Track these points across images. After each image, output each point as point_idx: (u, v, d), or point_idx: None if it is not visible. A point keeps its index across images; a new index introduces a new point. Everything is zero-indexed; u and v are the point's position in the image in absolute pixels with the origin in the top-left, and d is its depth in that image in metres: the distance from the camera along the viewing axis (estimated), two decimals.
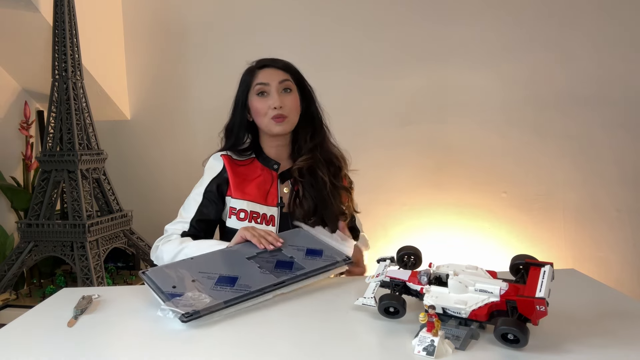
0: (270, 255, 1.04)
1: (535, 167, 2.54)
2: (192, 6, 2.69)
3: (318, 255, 1.06)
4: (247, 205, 1.23)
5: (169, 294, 0.89)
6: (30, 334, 0.85)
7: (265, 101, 1.24)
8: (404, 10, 2.54)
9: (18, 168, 2.66)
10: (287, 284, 0.95)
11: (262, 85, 1.24)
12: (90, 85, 2.47)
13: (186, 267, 0.99)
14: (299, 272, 0.98)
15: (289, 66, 1.30)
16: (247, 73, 1.29)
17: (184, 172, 2.81)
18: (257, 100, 1.25)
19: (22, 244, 2.29)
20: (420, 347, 0.70)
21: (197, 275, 0.95)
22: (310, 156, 1.28)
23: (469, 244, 2.58)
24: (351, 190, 1.34)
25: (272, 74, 1.25)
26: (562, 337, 0.75)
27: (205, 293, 0.88)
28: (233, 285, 0.92)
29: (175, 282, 0.93)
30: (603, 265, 2.53)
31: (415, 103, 2.59)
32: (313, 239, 1.13)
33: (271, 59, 1.29)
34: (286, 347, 0.76)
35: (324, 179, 1.26)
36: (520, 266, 0.81)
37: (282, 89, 1.25)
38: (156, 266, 1.04)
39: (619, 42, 2.42)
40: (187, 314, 0.82)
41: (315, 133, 1.32)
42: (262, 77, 1.25)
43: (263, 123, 1.26)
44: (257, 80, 1.25)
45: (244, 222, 1.22)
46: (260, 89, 1.24)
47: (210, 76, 2.72)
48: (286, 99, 1.25)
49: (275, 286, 0.94)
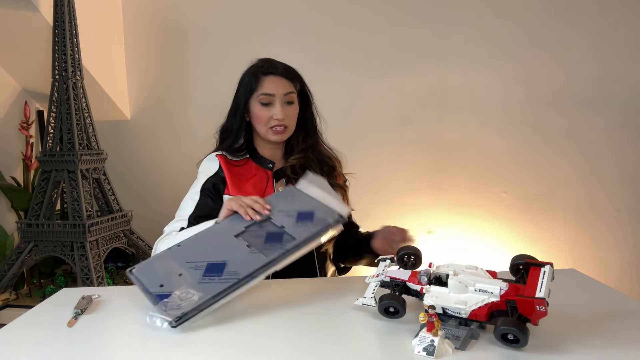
0: (259, 227, 1.00)
1: (535, 167, 2.54)
2: (192, 6, 2.69)
3: (309, 219, 0.99)
4: None
5: (157, 295, 0.86)
6: (30, 334, 0.85)
7: (268, 110, 1.25)
8: (405, 10, 2.54)
9: (18, 168, 2.66)
10: (278, 261, 0.91)
11: (266, 96, 1.25)
12: (90, 85, 2.47)
13: (173, 258, 0.95)
14: (289, 244, 0.93)
15: (294, 74, 1.30)
16: (251, 75, 1.28)
17: (184, 172, 2.81)
18: (259, 107, 1.26)
19: (22, 244, 2.29)
20: (420, 347, 0.70)
21: (185, 266, 0.92)
22: (303, 155, 1.30)
23: (469, 244, 2.58)
24: (346, 188, 1.35)
25: (277, 85, 1.25)
26: (562, 337, 0.75)
27: (193, 289, 0.85)
28: (221, 274, 0.89)
29: (162, 279, 0.90)
30: (603, 265, 2.53)
31: (416, 103, 2.59)
32: (305, 199, 1.06)
33: (277, 66, 1.28)
34: (286, 347, 0.76)
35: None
36: (520, 266, 0.81)
37: (285, 101, 1.26)
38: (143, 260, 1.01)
39: (619, 42, 2.42)
40: (176, 318, 0.80)
41: (307, 135, 1.34)
42: (267, 86, 1.25)
43: (262, 130, 1.27)
44: (262, 89, 1.25)
45: None
46: (265, 100, 1.25)
47: (210, 76, 2.72)
48: (288, 110, 1.26)
49: (265, 266, 0.90)
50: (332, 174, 1.32)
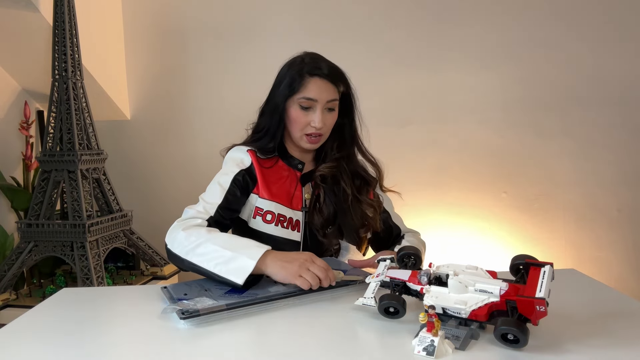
0: None
1: (535, 167, 2.54)
2: (192, 6, 2.69)
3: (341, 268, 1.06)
4: (274, 207, 1.18)
5: (178, 298, 0.92)
6: (30, 334, 0.85)
7: (307, 116, 1.16)
8: (405, 11, 2.54)
9: (18, 168, 2.66)
10: (297, 294, 0.94)
11: (309, 100, 1.15)
12: (90, 85, 2.47)
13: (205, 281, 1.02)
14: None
15: (340, 77, 1.20)
16: (294, 74, 1.17)
17: (184, 172, 2.82)
18: (297, 110, 1.17)
19: (22, 244, 2.29)
20: (420, 347, 0.70)
21: (213, 285, 0.99)
22: (335, 165, 1.23)
23: (469, 244, 2.58)
24: (377, 207, 1.26)
25: (322, 90, 1.16)
26: (562, 337, 0.75)
27: (212, 300, 0.90)
28: (242, 293, 0.94)
29: (188, 290, 0.96)
30: (603, 265, 2.53)
31: (416, 103, 2.59)
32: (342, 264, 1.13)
33: (323, 67, 1.18)
34: (286, 347, 0.76)
35: (346, 190, 1.21)
36: (520, 266, 0.81)
37: (327, 108, 1.17)
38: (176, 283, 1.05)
39: (619, 42, 2.42)
40: (186, 311, 0.84)
41: (344, 143, 1.25)
42: (311, 90, 1.15)
43: (296, 135, 1.20)
44: (305, 92, 1.15)
45: (270, 224, 1.18)
46: (306, 104, 1.16)
47: (211, 76, 2.72)
48: (328, 117, 1.18)
49: (285, 295, 0.93)
50: (364, 190, 1.25)
